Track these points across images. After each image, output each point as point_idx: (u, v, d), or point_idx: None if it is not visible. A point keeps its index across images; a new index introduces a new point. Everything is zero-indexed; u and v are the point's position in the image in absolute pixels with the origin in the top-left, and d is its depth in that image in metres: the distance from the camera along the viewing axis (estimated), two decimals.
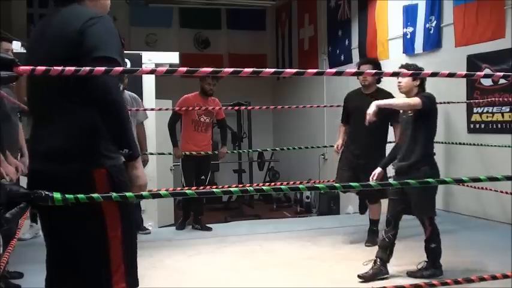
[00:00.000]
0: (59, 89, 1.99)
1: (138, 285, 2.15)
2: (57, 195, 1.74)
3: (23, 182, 2.15)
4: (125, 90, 5.55)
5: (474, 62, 6.19)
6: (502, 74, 3.41)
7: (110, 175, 2.00)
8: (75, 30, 1.96)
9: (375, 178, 4.24)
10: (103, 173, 1.99)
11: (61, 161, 1.98)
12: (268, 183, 9.65)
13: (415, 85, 4.15)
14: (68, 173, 1.97)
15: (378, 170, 4.28)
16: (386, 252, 4.10)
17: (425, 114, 4.00)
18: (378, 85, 5.31)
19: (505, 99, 5.77)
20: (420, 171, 3.93)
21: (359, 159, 5.09)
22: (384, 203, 4.94)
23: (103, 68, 1.75)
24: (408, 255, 4.72)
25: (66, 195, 1.76)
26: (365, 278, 4.04)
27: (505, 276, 2.79)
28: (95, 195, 1.82)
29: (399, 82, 4.29)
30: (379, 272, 4.06)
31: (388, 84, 7.46)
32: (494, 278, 2.79)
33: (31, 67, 1.73)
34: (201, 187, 5.68)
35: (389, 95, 5.03)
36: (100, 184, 1.97)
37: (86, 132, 1.99)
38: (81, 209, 1.87)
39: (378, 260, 4.09)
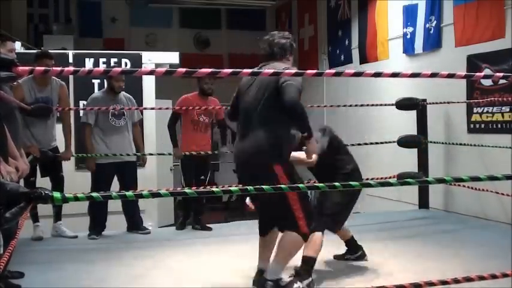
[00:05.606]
0: (263, 106, 3.38)
1: None
2: (56, 194, 1.74)
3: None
4: (121, 91, 5.57)
5: (474, 62, 6.19)
6: (502, 74, 3.41)
7: (283, 169, 3.37)
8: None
9: None
10: (279, 167, 3.36)
11: (258, 156, 3.37)
12: None
13: None
14: (261, 164, 3.36)
15: None
16: None
17: None
18: None
19: (505, 99, 5.76)
20: None
21: None
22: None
23: (101, 69, 1.76)
24: (406, 255, 4.73)
25: (66, 195, 1.76)
26: None
27: (505, 276, 2.79)
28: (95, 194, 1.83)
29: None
30: None
31: (387, 83, 7.44)
32: (494, 277, 2.79)
33: (29, 67, 1.75)
34: (201, 187, 5.68)
35: None
36: (279, 174, 3.33)
37: (275, 139, 3.37)
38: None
39: None
